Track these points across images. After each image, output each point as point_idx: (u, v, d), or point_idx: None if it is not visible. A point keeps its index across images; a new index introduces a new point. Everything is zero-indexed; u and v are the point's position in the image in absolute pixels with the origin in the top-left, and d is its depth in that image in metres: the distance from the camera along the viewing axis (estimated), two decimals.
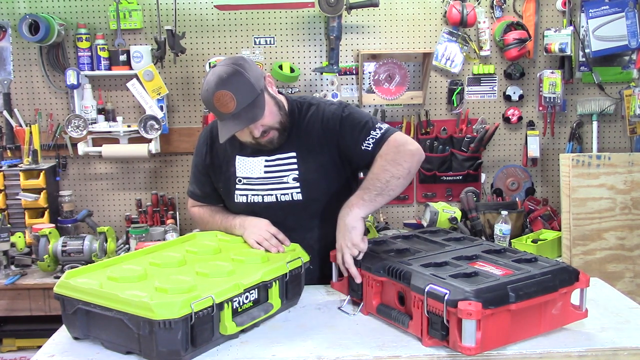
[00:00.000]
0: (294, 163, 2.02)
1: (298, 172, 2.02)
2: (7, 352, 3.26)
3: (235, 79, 1.85)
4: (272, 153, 2.04)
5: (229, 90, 1.83)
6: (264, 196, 2.04)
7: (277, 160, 2.04)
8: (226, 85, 1.83)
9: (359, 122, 2.00)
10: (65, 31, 3.43)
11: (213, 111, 1.90)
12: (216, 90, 1.83)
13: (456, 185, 3.57)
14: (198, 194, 2.22)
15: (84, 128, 3.36)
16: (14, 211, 3.34)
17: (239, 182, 2.07)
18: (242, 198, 2.07)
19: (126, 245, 3.38)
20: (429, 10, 3.53)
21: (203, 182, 2.19)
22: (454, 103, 3.57)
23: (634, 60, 3.56)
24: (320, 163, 2.03)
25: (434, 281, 1.52)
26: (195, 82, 3.55)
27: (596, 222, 3.09)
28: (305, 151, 2.03)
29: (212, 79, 1.86)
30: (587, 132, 3.63)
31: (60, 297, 1.59)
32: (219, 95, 1.83)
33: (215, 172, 2.14)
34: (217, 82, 1.84)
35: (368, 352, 1.54)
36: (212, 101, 1.85)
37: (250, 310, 1.65)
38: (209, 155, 2.14)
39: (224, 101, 1.83)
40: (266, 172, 2.04)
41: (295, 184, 2.02)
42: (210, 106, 1.88)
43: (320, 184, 2.04)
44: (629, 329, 1.65)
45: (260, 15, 3.51)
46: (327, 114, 2.03)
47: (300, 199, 2.02)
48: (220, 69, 1.87)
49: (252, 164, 2.06)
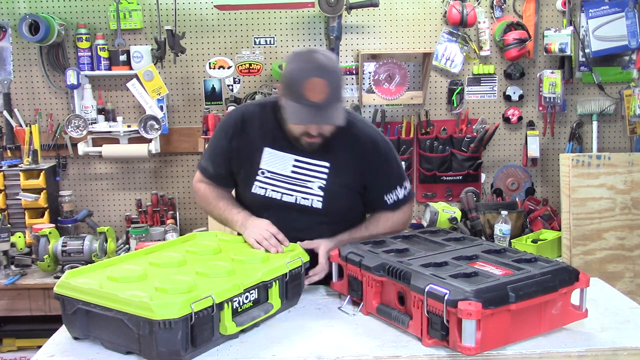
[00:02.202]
0: (324, 172, 2.01)
1: (325, 183, 2.01)
2: (7, 352, 3.26)
3: (335, 75, 1.84)
4: (304, 154, 2.01)
5: (327, 81, 1.79)
6: (283, 194, 2.02)
7: (308, 165, 2.02)
8: (325, 75, 1.80)
9: (393, 171, 2.09)
10: (65, 31, 3.43)
11: (293, 91, 1.82)
12: (314, 75, 1.79)
13: (456, 185, 3.56)
14: (210, 172, 2.15)
15: (84, 128, 3.36)
16: (14, 211, 3.34)
17: (261, 173, 2.03)
18: (260, 190, 2.04)
19: (126, 245, 3.38)
20: (429, 10, 3.53)
21: (219, 164, 2.12)
22: (454, 103, 3.57)
23: (634, 60, 3.56)
24: (348, 182, 2.04)
25: (434, 281, 1.52)
26: (195, 82, 3.55)
27: (596, 222, 3.09)
28: (338, 165, 2.02)
29: (309, 62, 1.81)
30: (587, 132, 3.63)
31: (60, 297, 1.59)
32: (317, 81, 1.78)
33: (239, 158, 2.08)
34: (317, 67, 1.80)
35: (368, 352, 1.54)
36: (302, 83, 1.79)
37: (250, 310, 1.65)
38: (237, 139, 2.07)
39: (318, 89, 1.78)
40: (293, 171, 2.02)
41: (319, 192, 2.01)
42: (296, 86, 1.81)
43: (342, 200, 2.06)
44: (629, 329, 1.65)
45: (260, 15, 3.51)
46: (371, 142, 2.05)
47: (319, 207, 2.02)
48: (320, 57, 1.83)
49: (281, 160, 2.02)
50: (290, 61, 1.90)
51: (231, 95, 3.42)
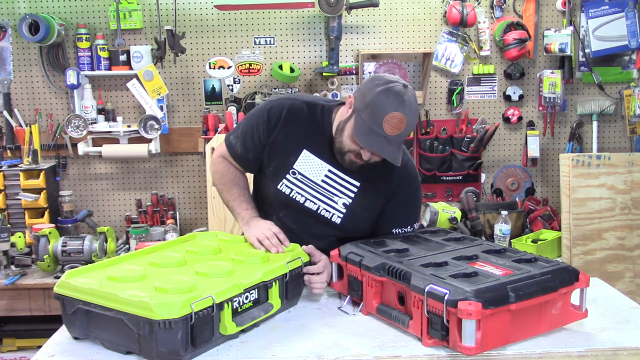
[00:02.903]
0: (353, 191, 2.00)
1: (351, 201, 2.00)
2: (7, 352, 3.26)
3: (415, 118, 1.86)
4: (339, 167, 1.99)
5: (407, 121, 1.79)
6: (307, 199, 2.00)
7: (340, 179, 2.00)
8: (408, 115, 1.79)
9: (412, 210, 2.11)
10: (65, 31, 3.43)
11: (373, 115, 1.79)
12: (399, 110, 1.77)
13: (456, 185, 3.56)
14: (237, 152, 2.07)
15: (84, 128, 3.36)
16: (14, 211, 3.34)
17: (292, 173, 2.00)
18: (286, 189, 2.01)
19: (126, 245, 3.38)
20: (429, 10, 3.53)
21: (249, 148, 2.05)
22: (454, 103, 3.57)
23: (634, 60, 3.56)
24: (373, 206, 2.03)
25: (434, 281, 1.52)
26: (195, 82, 3.55)
27: (596, 222, 3.09)
28: (368, 187, 2.00)
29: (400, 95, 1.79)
30: (587, 132, 3.63)
31: (60, 297, 1.59)
32: (399, 117, 1.78)
33: (274, 151, 2.03)
34: (405, 105, 1.79)
35: (368, 352, 1.54)
36: (386, 112, 1.77)
37: (250, 310, 1.65)
38: (278, 131, 2.00)
39: (397, 125, 1.78)
40: (324, 181, 2.00)
41: (342, 209, 2.00)
42: (378, 112, 1.78)
43: (362, 221, 2.04)
44: (629, 329, 1.65)
45: (260, 15, 3.51)
46: (406, 174, 2.04)
47: (337, 222, 2.01)
48: (410, 95, 1.82)
49: (316, 166, 2.00)
50: (380, 83, 1.83)
51: (231, 95, 3.42)
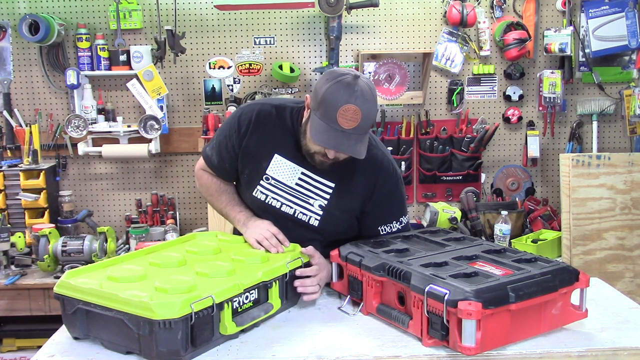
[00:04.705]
0: (328, 193, 1.97)
1: (327, 203, 1.97)
2: (7, 352, 3.26)
3: (372, 107, 1.77)
4: (312, 170, 1.96)
5: (362, 112, 1.72)
6: (283, 204, 1.99)
7: (314, 181, 1.98)
8: (363, 105, 1.73)
9: (395, 205, 2.03)
10: (65, 31, 3.43)
11: (325, 111, 1.75)
12: (351, 102, 1.71)
13: (456, 185, 3.56)
14: (214, 163, 2.08)
15: (84, 128, 3.36)
16: (14, 211, 3.34)
17: (265, 179, 1.99)
18: (261, 195, 2.00)
19: (126, 245, 3.38)
20: (429, 10, 3.53)
21: (224, 158, 2.05)
22: (454, 103, 3.57)
23: (634, 60, 3.56)
24: (349, 207, 2.00)
25: (434, 281, 1.52)
26: (195, 82, 3.55)
27: (596, 222, 3.09)
28: (343, 188, 1.97)
29: (350, 86, 1.73)
30: (587, 132, 3.63)
31: (60, 297, 1.59)
32: (353, 108, 1.71)
33: (246, 158, 2.02)
34: (357, 95, 1.72)
35: (368, 352, 1.54)
36: (338, 106, 1.71)
37: (250, 310, 1.65)
38: (248, 138, 1.99)
39: (351, 117, 1.72)
40: (298, 184, 1.98)
41: (318, 211, 1.98)
42: (330, 107, 1.73)
43: (339, 223, 2.02)
44: (629, 329, 1.65)
45: (260, 15, 3.51)
46: (382, 171, 1.99)
47: (315, 225, 1.99)
48: (363, 85, 1.75)
49: (288, 170, 1.98)
50: (330, 78, 1.77)
51: (231, 95, 3.42)
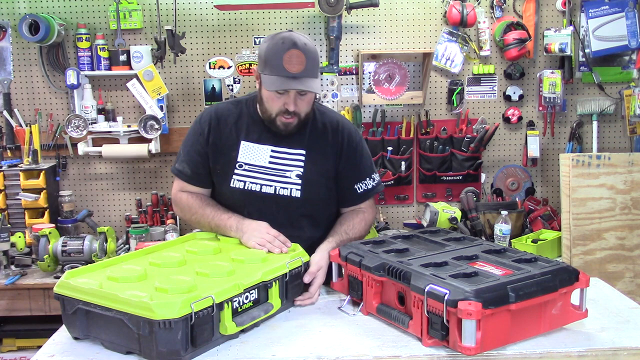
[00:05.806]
0: (301, 160, 2.06)
1: (303, 170, 2.05)
2: (7, 352, 3.26)
3: (312, 51, 1.94)
4: (279, 144, 2.06)
5: (305, 55, 1.90)
6: (262, 185, 2.05)
7: (284, 154, 2.06)
8: (303, 49, 1.90)
9: (364, 161, 2.15)
10: (65, 31, 3.43)
11: (272, 65, 1.91)
12: (293, 48, 1.89)
13: (456, 185, 3.56)
14: (188, 173, 2.13)
15: (84, 128, 3.36)
16: (14, 211, 3.34)
17: (239, 167, 2.07)
18: (239, 184, 2.06)
19: (126, 245, 3.38)
20: (429, 10, 3.53)
21: (197, 162, 2.12)
22: (454, 103, 3.57)
23: (634, 60, 3.56)
24: (325, 168, 2.09)
25: (434, 281, 1.53)
26: (195, 82, 3.55)
27: (596, 222, 3.09)
28: (314, 153, 2.07)
29: (286, 39, 1.90)
30: (587, 132, 3.63)
31: (60, 297, 1.59)
32: (295, 53, 1.89)
33: (216, 153, 2.10)
34: (294, 42, 1.90)
35: (368, 352, 1.54)
36: (281, 55, 1.88)
37: (250, 310, 1.65)
38: (212, 134, 2.10)
39: (297, 61, 1.89)
40: (271, 162, 2.06)
41: (297, 181, 2.04)
42: (274, 59, 1.90)
43: (320, 187, 2.10)
44: (629, 329, 1.65)
45: (260, 15, 3.51)
46: (345, 130, 2.13)
47: (298, 196, 2.04)
48: (296, 36, 1.93)
49: (258, 151, 2.06)
50: (267, 40, 1.97)
51: (231, 95, 3.42)
